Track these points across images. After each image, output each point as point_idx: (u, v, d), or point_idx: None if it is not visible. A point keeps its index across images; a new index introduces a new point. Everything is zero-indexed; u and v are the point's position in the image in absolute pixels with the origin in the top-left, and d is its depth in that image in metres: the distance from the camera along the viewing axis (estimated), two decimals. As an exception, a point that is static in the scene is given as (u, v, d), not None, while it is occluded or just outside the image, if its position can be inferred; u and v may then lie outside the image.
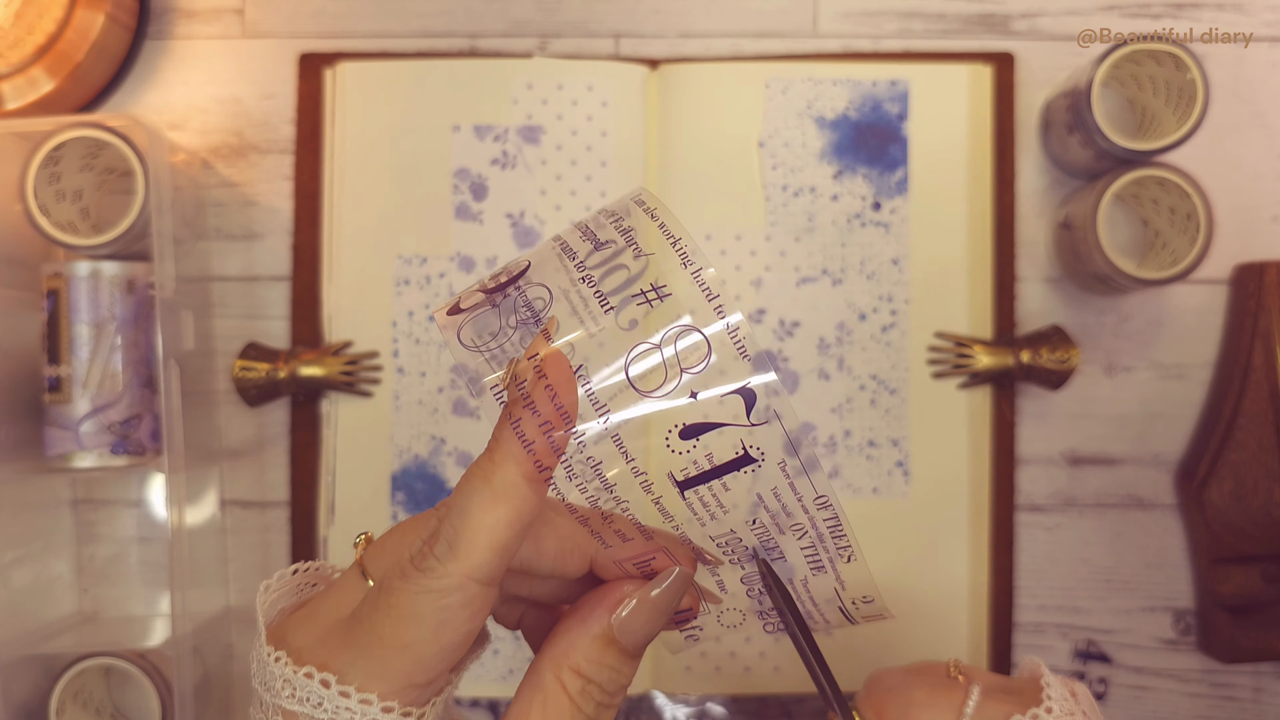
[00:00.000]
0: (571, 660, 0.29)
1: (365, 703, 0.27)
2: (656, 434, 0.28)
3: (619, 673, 0.30)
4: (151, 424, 0.56)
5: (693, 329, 0.27)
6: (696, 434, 0.28)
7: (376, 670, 0.28)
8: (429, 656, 0.28)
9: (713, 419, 0.28)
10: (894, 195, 0.59)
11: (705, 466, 0.28)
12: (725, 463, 0.28)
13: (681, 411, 0.27)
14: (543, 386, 0.27)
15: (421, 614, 0.27)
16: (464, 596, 0.27)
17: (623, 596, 0.30)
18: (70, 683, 0.56)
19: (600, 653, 0.30)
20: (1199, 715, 0.61)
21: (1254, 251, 0.61)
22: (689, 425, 0.28)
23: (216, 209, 0.62)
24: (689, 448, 0.28)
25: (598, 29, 0.62)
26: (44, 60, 0.57)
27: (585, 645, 0.30)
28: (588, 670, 0.29)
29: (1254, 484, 0.58)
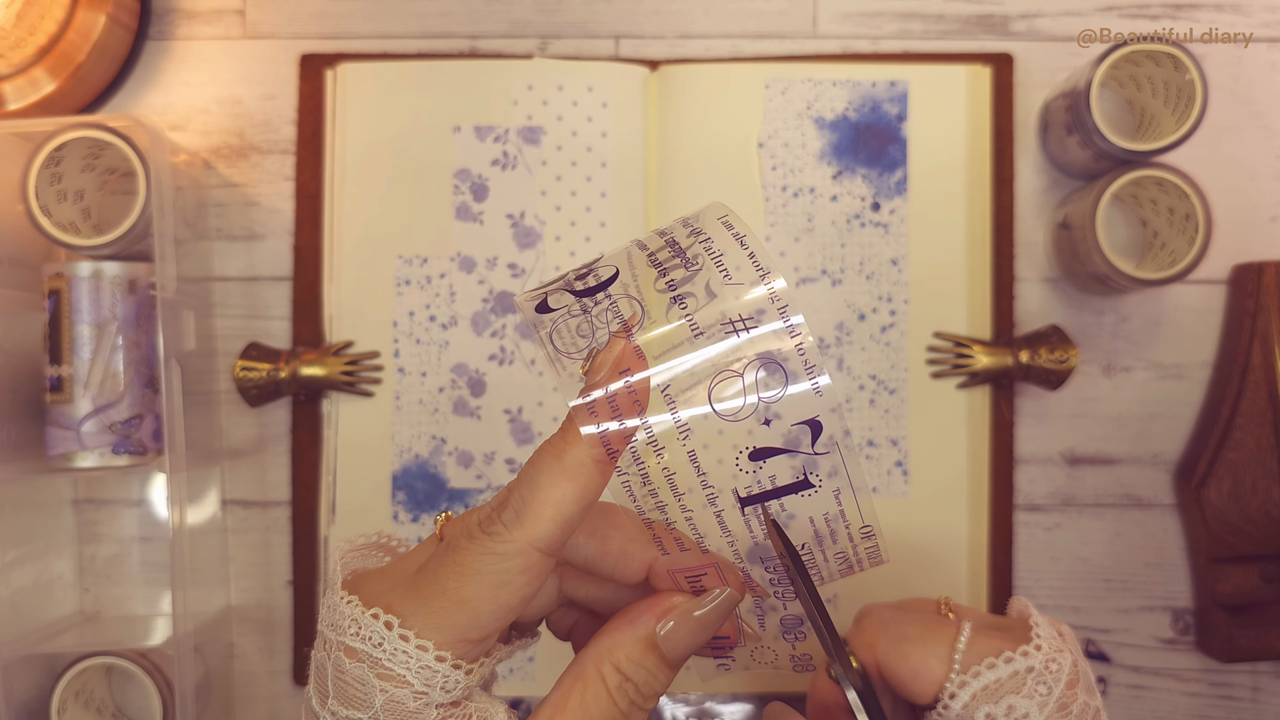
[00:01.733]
0: (614, 656, 0.31)
1: (421, 648, 0.29)
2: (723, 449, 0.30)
3: (655, 678, 0.31)
4: (153, 424, 0.57)
5: (775, 362, 0.29)
6: (765, 456, 0.30)
7: (436, 620, 0.30)
8: (485, 614, 0.30)
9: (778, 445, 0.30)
10: (893, 196, 0.59)
11: (767, 486, 0.30)
12: (785, 485, 0.30)
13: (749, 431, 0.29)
14: (619, 376, 0.29)
15: (484, 572, 0.29)
16: (524, 562, 0.29)
17: (671, 606, 0.32)
18: (72, 682, 0.56)
19: (642, 654, 0.31)
20: (1197, 714, 0.61)
21: (1252, 252, 0.61)
22: (759, 449, 0.30)
23: (218, 209, 0.62)
24: (756, 468, 0.30)
25: (598, 30, 0.62)
26: (45, 61, 0.57)
27: (629, 644, 0.31)
28: (627, 668, 0.31)
29: (1252, 483, 0.58)
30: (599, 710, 0.31)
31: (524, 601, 0.30)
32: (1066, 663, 0.35)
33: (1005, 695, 0.34)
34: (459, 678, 0.30)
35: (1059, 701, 0.34)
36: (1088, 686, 0.35)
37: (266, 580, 0.61)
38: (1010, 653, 0.34)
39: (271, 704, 0.62)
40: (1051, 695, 0.34)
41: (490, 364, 0.59)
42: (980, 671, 0.34)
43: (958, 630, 0.35)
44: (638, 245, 0.30)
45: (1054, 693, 0.34)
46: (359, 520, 0.59)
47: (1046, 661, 0.34)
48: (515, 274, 0.59)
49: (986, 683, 0.34)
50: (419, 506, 0.59)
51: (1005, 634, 0.36)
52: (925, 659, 0.35)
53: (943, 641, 0.35)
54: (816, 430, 0.30)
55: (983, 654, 0.35)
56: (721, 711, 0.60)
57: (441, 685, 0.30)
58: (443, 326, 0.60)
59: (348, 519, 0.59)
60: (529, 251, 0.59)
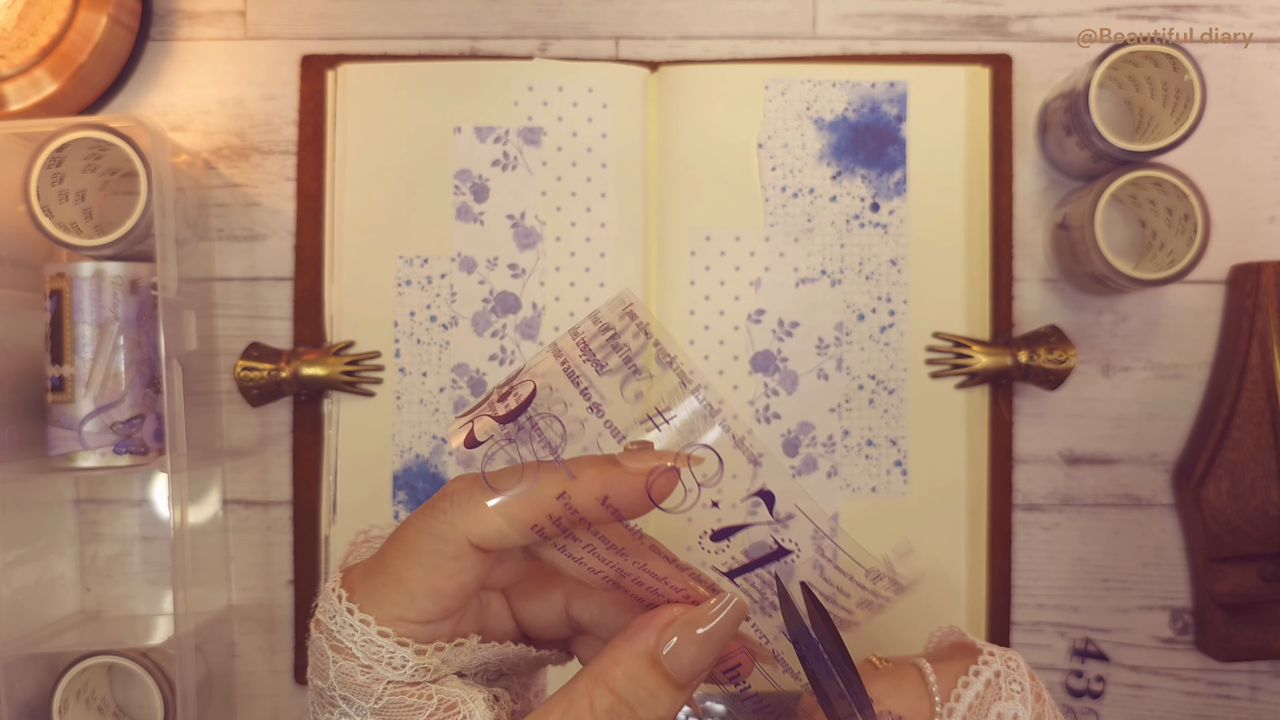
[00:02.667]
0: (610, 676, 0.29)
1: (364, 622, 0.30)
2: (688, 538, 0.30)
3: (656, 698, 0.29)
4: (154, 424, 0.57)
5: (705, 447, 0.28)
6: (726, 536, 0.30)
7: (377, 597, 0.30)
8: (419, 595, 0.30)
9: (737, 521, 0.29)
10: (892, 196, 0.60)
11: (744, 560, 0.30)
12: (763, 556, 0.30)
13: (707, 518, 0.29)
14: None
15: (419, 552, 0.30)
16: (456, 549, 0.29)
17: (673, 618, 0.30)
18: (73, 681, 0.56)
19: (641, 672, 0.29)
20: (1196, 714, 0.61)
21: (1251, 252, 0.61)
22: (716, 530, 0.29)
23: (219, 210, 0.62)
24: (723, 548, 0.30)
25: (598, 31, 0.62)
26: (47, 62, 0.57)
27: (627, 662, 0.30)
28: (623, 688, 0.29)
29: (1251, 483, 0.58)
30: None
31: (460, 591, 0.30)
32: (1018, 657, 0.36)
33: (990, 705, 0.35)
34: (406, 655, 0.30)
35: (1034, 692, 0.35)
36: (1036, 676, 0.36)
37: (268, 580, 0.62)
38: (975, 665, 0.35)
39: (273, 703, 0.62)
40: (1025, 690, 0.35)
41: (491, 364, 0.60)
42: (960, 693, 0.35)
43: (920, 669, 0.36)
44: (553, 351, 0.30)
45: (1026, 687, 0.35)
46: (360, 520, 0.59)
47: (1005, 660, 0.35)
48: (516, 274, 0.60)
49: (970, 701, 0.35)
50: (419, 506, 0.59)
51: (957, 658, 0.36)
52: (910, 704, 0.35)
53: (914, 682, 0.36)
54: (769, 500, 0.30)
55: (952, 678, 0.35)
56: (721, 711, 0.61)
57: (388, 661, 0.30)
58: (443, 327, 0.60)
59: (349, 518, 0.60)
60: (529, 252, 0.60)
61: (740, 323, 0.59)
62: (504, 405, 0.29)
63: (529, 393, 0.29)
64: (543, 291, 0.59)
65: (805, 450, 0.59)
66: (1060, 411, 0.61)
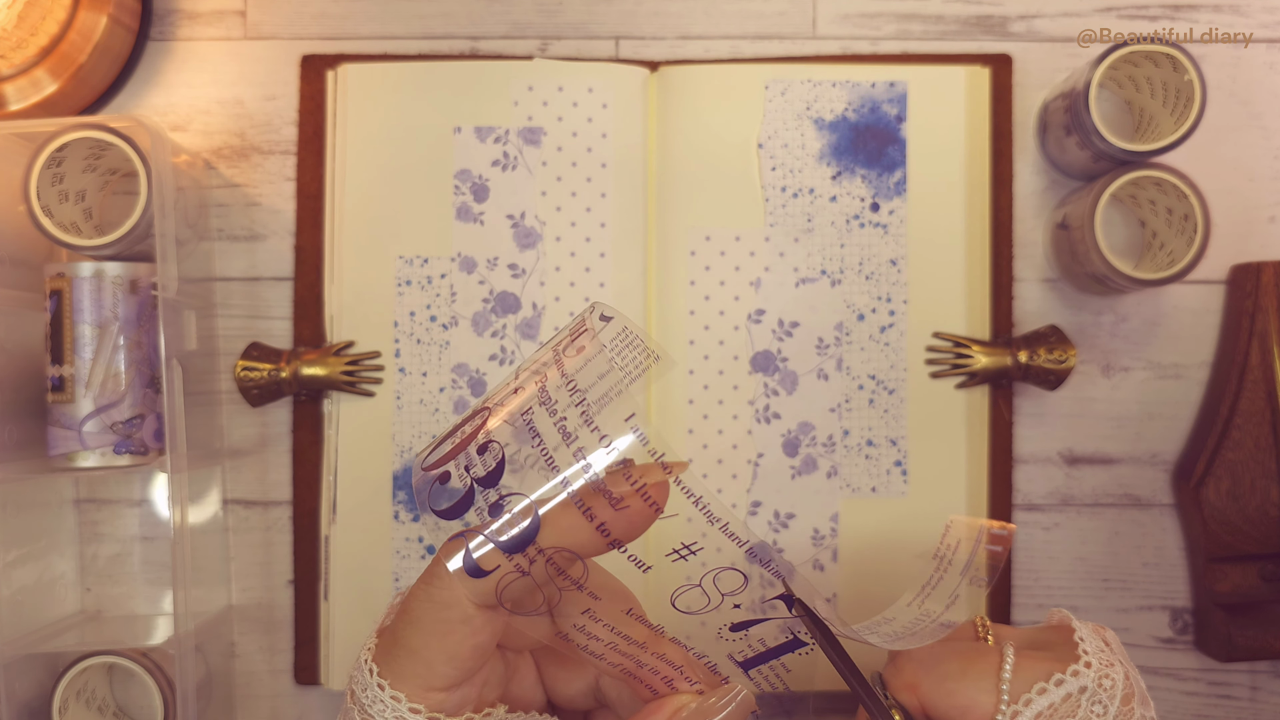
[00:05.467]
0: None
1: (395, 699, 0.29)
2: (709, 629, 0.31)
3: None
4: (154, 424, 0.57)
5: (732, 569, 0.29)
6: (745, 628, 0.30)
7: (397, 670, 0.30)
8: (436, 663, 0.29)
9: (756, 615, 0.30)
10: (892, 196, 0.60)
11: (760, 649, 0.31)
12: (779, 646, 0.31)
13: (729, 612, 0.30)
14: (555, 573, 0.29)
15: (424, 620, 0.29)
16: (461, 613, 0.29)
17: (680, 707, 0.30)
18: (73, 681, 0.56)
19: None
20: (1196, 714, 0.61)
21: (1251, 252, 0.61)
22: (736, 624, 0.30)
23: (219, 210, 0.62)
24: (739, 637, 0.31)
25: (598, 31, 0.62)
26: (47, 62, 0.58)
27: None
28: None
29: (1251, 483, 0.58)
30: None
31: (475, 652, 0.30)
32: (1119, 677, 0.33)
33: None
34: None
35: (1119, 718, 0.32)
36: (1142, 698, 0.33)
37: (268, 580, 0.62)
38: (1060, 674, 0.32)
39: (272, 703, 0.62)
40: (1108, 714, 0.32)
41: (491, 364, 0.60)
42: (1031, 699, 0.32)
43: (1000, 657, 0.33)
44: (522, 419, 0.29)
45: (1110, 711, 0.32)
46: (360, 520, 0.59)
47: (1099, 679, 0.32)
48: (516, 274, 0.60)
49: (1039, 709, 0.32)
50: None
51: (1049, 652, 0.34)
52: (973, 694, 0.33)
53: (987, 673, 0.33)
54: (789, 601, 0.30)
55: (1031, 679, 0.32)
56: (721, 710, 0.60)
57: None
58: (443, 327, 0.60)
59: (349, 518, 0.60)
60: (529, 252, 0.60)
61: (740, 323, 0.59)
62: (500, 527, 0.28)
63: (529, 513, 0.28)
64: (543, 291, 0.59)
65: (805, 450, 0.59)
66: (1060, 411, 0.61)
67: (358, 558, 0.59)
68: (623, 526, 0.28)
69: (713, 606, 0.29)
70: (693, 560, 0.29)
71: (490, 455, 0.29)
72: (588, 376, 0.28)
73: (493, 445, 0.28)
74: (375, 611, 0.59)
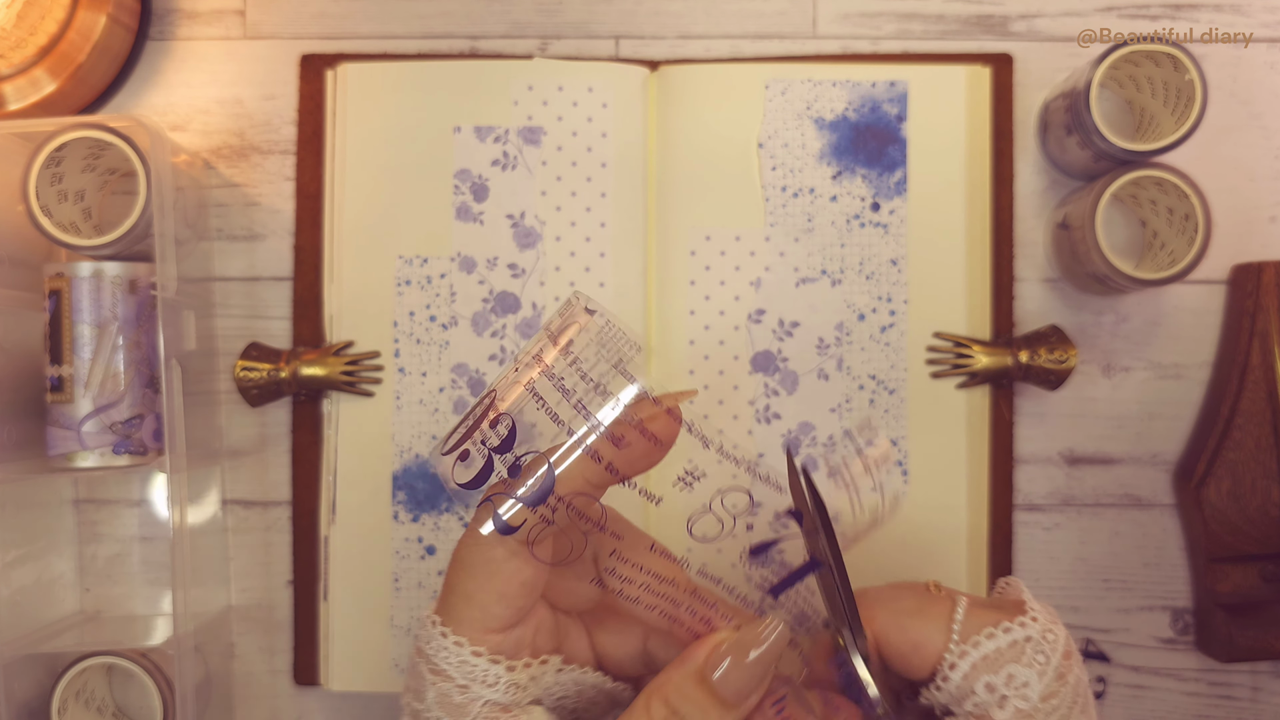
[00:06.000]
0: (665, 690, 0.32)
1: (458, 644, 0.32)
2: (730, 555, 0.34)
3: (704, 712, 0.32)
4: (153, 424, 0.57)
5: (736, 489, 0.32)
6: (764, 551, 0.33)
7: (456, 618, 0.33)
8: (489, 604, 0.32)
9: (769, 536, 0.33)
10: (893, 196, 0.59)
11: (783, 574, 0.33)
12: (800, 568, 0.33)
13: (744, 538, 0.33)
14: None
15: (473, 564, 0.32)
16: (506, 550, 0.32)
17: (721, 641, 0.33)
18: (72, 681, 0.56)
19: (691, 688, 0.32)
20: (1197, 714, 0.61)
21: (1251, 252, 0.61)
22: (753, 547, 0.33)
23: (218, 210, 0.62)
24: (761, 562, 0.33)
25: (598, 31, 0.62)
26: (46, 61, 0.57)
27: (678, 678, 0.32)
28: (675, 700, 0.32)
29: (1251, 483, 0.58)
30: None
31: (524, 589, 0.32)
32: (1062, 634, 0.35)
33: (1005, 664, 0.34)
34: (498, 672, 0.32)
35: (1056, 670, 0.34)
36: (1079, 662, 0.35)
37: (267, 580, 0.62)
38: (1008, 623, 0.35)
39: (272, 704, 0.62)
40: (1050, 664, 0.34)
41: (490, 364, 0.60)
42: (980, 641, 0.34)
43: (954, 604, 0.36)
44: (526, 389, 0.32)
45: (1052, 661, 0.34)
46: (359, 520, 0.59)
47: (1044, 631, 0.35)
48: (515, 274, 0.59)
49: (986, 652, 0.34)
50: (419, 506, 0.59)
51: (999, 609, 0.36)
52: (926, 632, 0.35)
53: (941, 615, 0.35)
54: (799, 517, 0.32)
55: (980, 625, 0.35)
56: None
57: (481, 679, 0.32)
58: (443, 326, 0.60)
59: (348, 519, 0.59)
60: (529, 251, 0.59)
61: (740, 323, 0.59)
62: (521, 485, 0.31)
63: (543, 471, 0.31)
64: (543, 291, 0.59)
65: (805, 450, 0.59)
66: (1061, 411, 0.61)
67: (357, 558, 0.59)
68: (630, 463, 0.31)
69: (727, 531, 0.32)
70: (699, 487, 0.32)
71: (502, 425, 0.32)
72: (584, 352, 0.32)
73: (503, 418, 0.32)
74: (375, 612, 0.59)
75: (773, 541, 0.33)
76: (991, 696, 0.34)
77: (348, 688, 0.60)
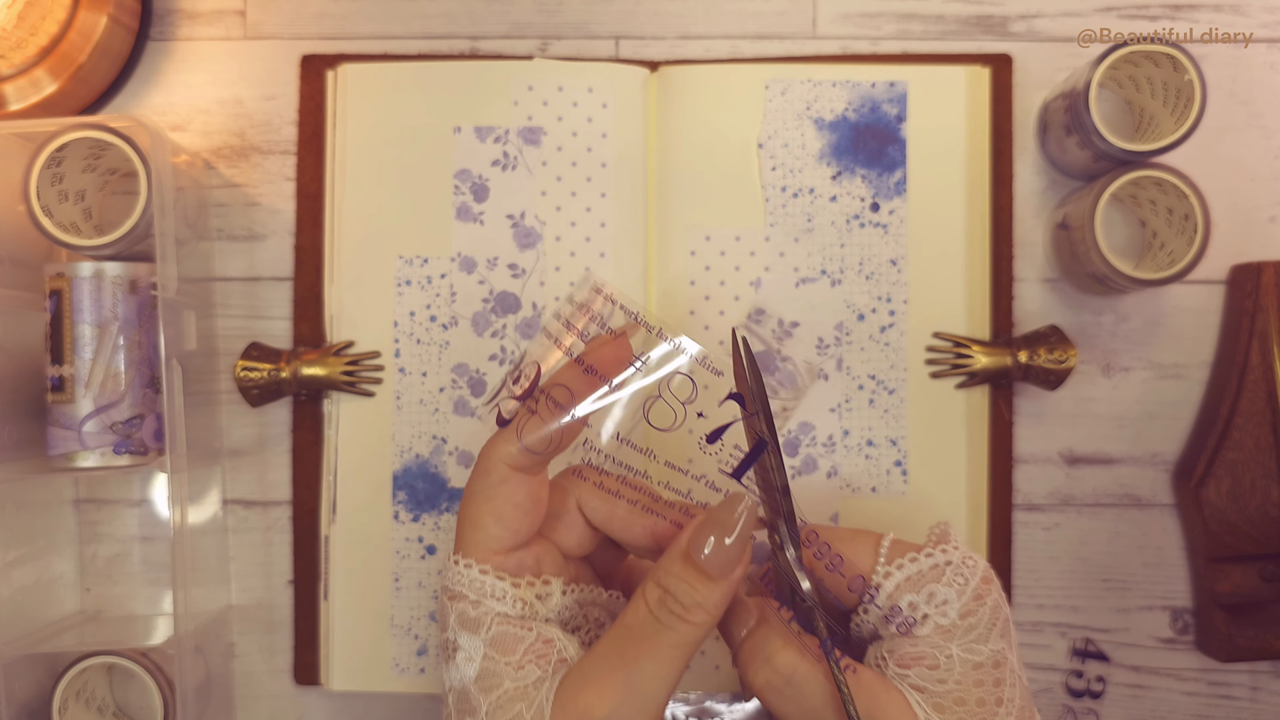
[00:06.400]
0: (657, 574, 0.36)
1: (467, 565, 0.37)
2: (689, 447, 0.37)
3: (693, 589, 0.35)
4: (154, 424, 0.57)
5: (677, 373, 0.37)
6: (718, 436, 0.36)
7: (465, 544, 0.37)
8: (489, 526, 0.37)
9: (722, 421, 0.36)
10: (892, 196, 0.60)
11: (740, 455, 0.37)
12: (751, 449, 0.37)
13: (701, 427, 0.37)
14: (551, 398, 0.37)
15: (475, 492, 0.37)
16: (500, 475, 0.37)
17: (698, 519, 0.36)
18: (72, 681, 0.56)
19: (678, 568, 0.35)
20: (1196, 714, 0.61)
21: (1251, 252, 0.61)
22: (708, 434, 0.37)
23: (219, 210, 0.62)
24: (718, 449, 0.36)
25: (598, 31, 0.62)
26: (47, 62, 0.58)
27: (666, 561, 0.36)
28: (665, 581, 0.35)
29: (1251, 483, 0.58)
30: (635, 620, 0.35)
31: (517, 511, 0.37)
32: (982, 563, 0.39)
33: (926, 584, 0.38)
34: (505, 588, 0.37)
35: (974, 592, 0.37)
36: (999, 589, 0.38)
37: (267, 580, 0.62)
38: (930, 549, 0.39)
39: (272, 703, 0.62)
40: (969, 586, 0.38)
41: (491, 364, 0.60)
42: (904, 564, 0.38)
43: (881, 536, 0.40)
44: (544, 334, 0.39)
45: (970, 583, 0.38)
46: (359, 520, 0.59)
47: (963, 558, 0.38)
48: (516, 274, 0.60)
49: (910, 573, 0.38)
50: (419, 506, 0.59)
51: (926, 543, 0.40)
52: (855, 552, 0.39)
53: (869, 541, 0.40)
54: (740, 400, 0.36)
55: (905, 551, 0.39)
56: (722, 711, 0.61)
57: (491, 593, 0.36)
58: (443, 326, 0.60)
59: (348, 518, 0.60)
60: (529, 252, 0.60)
61: (740, 322, 0.59)
62: (519, 387, 0.37)
63: (535, 374, 0.37)
64: (543, 291, 0.59)
65: (805, 450, 0.59)
66: (1060, 411, 0.61)
67: (357, 558, 0.59)
68: (598, 356, 0.36)
69: (680, 421, 0.36)
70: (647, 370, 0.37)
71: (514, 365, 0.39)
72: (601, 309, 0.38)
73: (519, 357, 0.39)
74: (375, 611, 0.59)
75: (724, 426, 0.36)
76: (914, 614, 0.38)
77: (348, 687, 0.60)
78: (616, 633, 0.36)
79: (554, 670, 0.36)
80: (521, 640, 0.36)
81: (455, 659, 0.36)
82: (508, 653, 0.36)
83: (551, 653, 0.36)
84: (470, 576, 0.37)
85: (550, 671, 0.36)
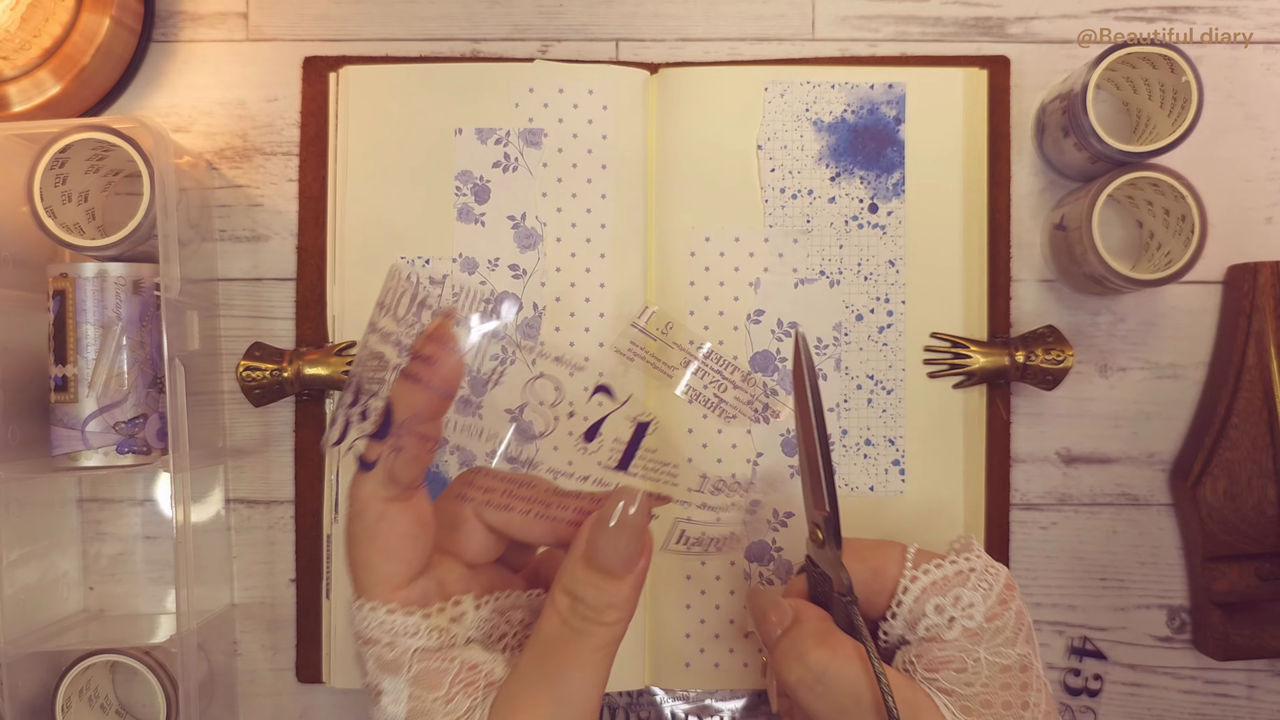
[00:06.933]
0: (562, 581, 0.35)
1: (373, 609, 0.35)
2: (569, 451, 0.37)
3: (601, 590, 0.34)
4: (157, 423, 0.57)
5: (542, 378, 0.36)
6: (595, 433, 0.36)
7: (364, 587, 0.35)
8: (379, 563, 0.35)
9: (594, 416, 0.36)
10: (891, 197, 0.60)
11: (622, 447, 0.36)
12: (632, 436, 0.36)
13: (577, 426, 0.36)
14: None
15: (357, 536, 0.35)
16: (375, 513, 0.35)
17: (589, 522, 0.36)
18: (76, 679, 0.57)
19: (580, 571, 0.35)
20: (1193, 713, 0.62)
21: (1247, 253, 0.61)
22: (586, 431, 0.36)
23: (222, 211, 0.62)
24: (598, 445, 0.36)
25: (598, 33, 0.62)
26: (50, 63, 0.58)
27: (570, 566, 0.35)
28: (572, 586, 0.35)
29: (1247, 482, 0.59)
30: (550, 632, 0.35)
31: (404, 542, 0.35)
32: (1004, 571, 0.40)
33: (952, 588, 0.39)
34: (415, 622, 0.35)
35: (999, 596, 0.39)
36: (1021, 596, 0.39)
37: (270, 578, 0.62)
38: (954, 556, 0.40)
39: (275, 701, 0.62)
40: (993, 590, 0.39)
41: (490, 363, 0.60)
42: (930, 569, 0.39)
43: (906, 545, 0.41)
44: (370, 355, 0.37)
45: (995, 588, 0.39)
46: (361, 519, 0.60)
47: (986, 565, 0.40)
48: (516, 275, 0.60)
49: (935, 578, 0.39)
50: (421, 505, 0.60)
51: (950, 552, 0.42)
52: (884, 561, 0.40)
53: (895, 550, 0.41)
54: (608, 391, 0.37)
55: (930, 559, 0.40)
56: (722, 709, 0.61)
57: (402, 631, 0.35)
58: (444, 327, 0.60)
59: (350, 518, 0.60)
60: (530, 253, 0.60)
61: (740, 323, 0.60)
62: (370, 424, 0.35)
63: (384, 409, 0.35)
64: (543, 292, 0.60)
65: (804, 450, 0.59)
66: (1057, 411, 0.62)
67: (359, 557, 0.60)
68: (441, 376, 0.35)
69: (551, 429, 0.36)
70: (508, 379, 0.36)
71: (347, 391, 0.36)
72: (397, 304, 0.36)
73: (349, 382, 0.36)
74: (377, 610, 0.59)
75: (600, 421, 0.36)
76: (941, 618, 0.39)
77: (350, 685, 0.60)
78: (535, 647, 0.35)
79: (484, 696, 0.35)
80: (446, 673, 0.35)
81: (380, 703, 0.35)
82: (434, 688, 0.34)
83: (479, 679, 0.35)
84: (378, 619, 0.35)
85: (480, 698, 0.35)
